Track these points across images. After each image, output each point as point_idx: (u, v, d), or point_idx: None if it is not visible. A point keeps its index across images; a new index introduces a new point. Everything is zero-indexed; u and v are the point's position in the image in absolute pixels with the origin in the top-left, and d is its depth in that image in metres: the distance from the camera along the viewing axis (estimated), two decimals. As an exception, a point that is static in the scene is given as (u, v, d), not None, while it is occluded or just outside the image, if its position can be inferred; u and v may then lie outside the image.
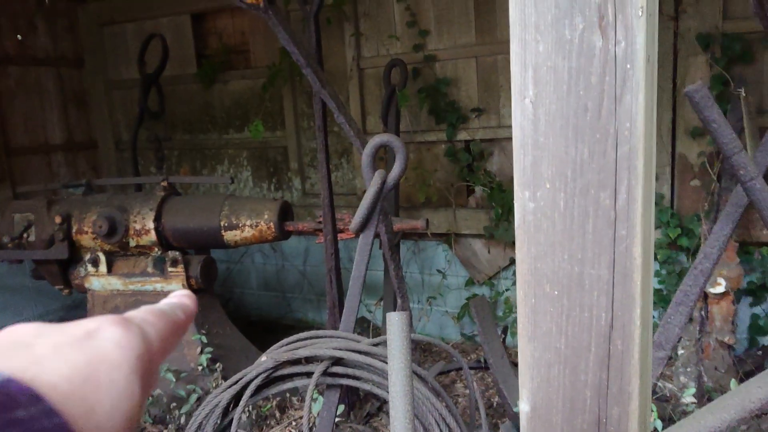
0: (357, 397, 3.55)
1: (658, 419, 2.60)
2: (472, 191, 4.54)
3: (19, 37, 5.19)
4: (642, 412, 0.88)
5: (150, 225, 3.68)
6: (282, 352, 2.33)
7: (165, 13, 5.31)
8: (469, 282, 4.56)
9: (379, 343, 2.29)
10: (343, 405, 3.31)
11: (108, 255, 3.83)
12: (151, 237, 3.70)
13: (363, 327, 4.33)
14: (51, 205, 3.89)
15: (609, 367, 0.86)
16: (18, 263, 4.07)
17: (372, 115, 4.71)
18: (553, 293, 0.87)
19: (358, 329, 4.14)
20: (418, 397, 2.14)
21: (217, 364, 3.61)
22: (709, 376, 3.28)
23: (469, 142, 4.40)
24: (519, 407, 0.94)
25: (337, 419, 2.88)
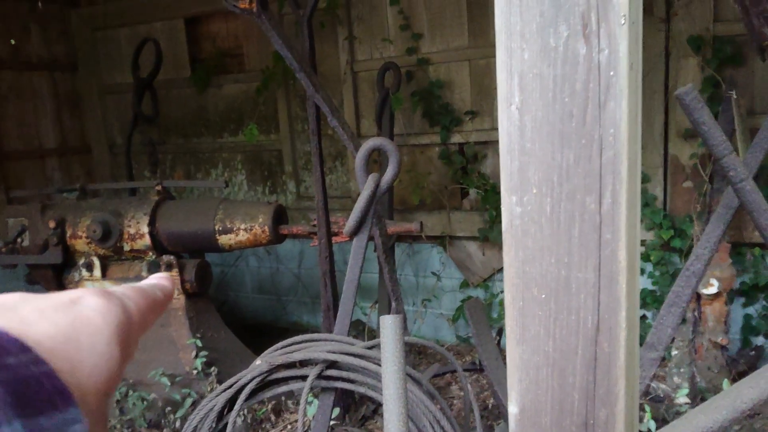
0: (352, 400, 3.56)
1: (651, 420, 2.61)
2: (466, 193, 4.56)
3: (12, 42, 5.19)
4: (629, 413, 0.89)
5: (144, 229, 3.69)
6: (277, 356, 2.34)
7: (158, 17, 5.31)
8: (464, 284, 4.57)
9: (373, 346, 2.30)
10: (338, 408, 3.31)
11: (102, 259, 3.83)
12: (145, 241, 3.70)
13: (358, 330, 4.34)
14: (45, 209, 3.89)
15: (596, 370, 0.87)
16: (12, 268, 4.06)
17: (366, 118, 4.73)
18: (541, 297, 0.88)
19: (353, 332, 4.15)
20: (412, 400, 2.14)
21: (212, 368, 3.61)
22: (702, 377, 3.30)
23: (463, 145, 4.41)
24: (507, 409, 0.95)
25: (332, 422, 2.89)
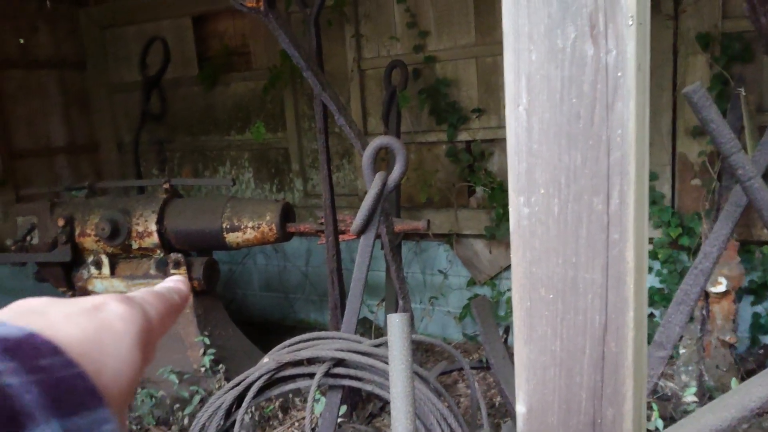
0: (360, 398, 3.57)
1: (659, 418, 2.61)
2: (473, 191, 4.56)
3: (21, 41, 5.22)
4: (636, 413, 0.89)
5: (152, 227, 3.70)
6: (284, 354, 2.35)
7: (166, 15, 5.33)
8: (471, 282, 4.57)
9: (380, 344, 2.31)
10: (346, 405, 3.33)
11: (111, 257, 3.85)
12: (153, 239, 3.72)
13: (365, 328, 4.35)
14: (54, 207, 3.91)
15: (603, 369, 0.87)
16: (21, 266, 4.09)
17: (373, 116, 4.73)
18: (548, 297, 0.88)
19: (361, 330, 4.16)
20: (419, 398, 2.15)
21: (220, 366, 3.63)
22: (710, 375, 3.29)
23: (470, 143, 4.41)
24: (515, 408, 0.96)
25: (340, 419, 2.90)
